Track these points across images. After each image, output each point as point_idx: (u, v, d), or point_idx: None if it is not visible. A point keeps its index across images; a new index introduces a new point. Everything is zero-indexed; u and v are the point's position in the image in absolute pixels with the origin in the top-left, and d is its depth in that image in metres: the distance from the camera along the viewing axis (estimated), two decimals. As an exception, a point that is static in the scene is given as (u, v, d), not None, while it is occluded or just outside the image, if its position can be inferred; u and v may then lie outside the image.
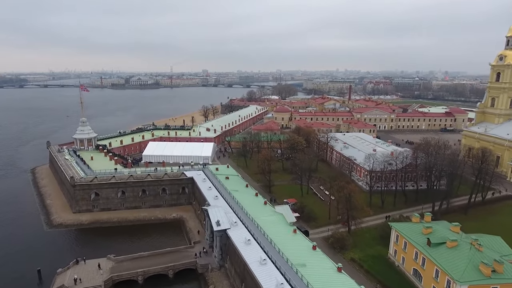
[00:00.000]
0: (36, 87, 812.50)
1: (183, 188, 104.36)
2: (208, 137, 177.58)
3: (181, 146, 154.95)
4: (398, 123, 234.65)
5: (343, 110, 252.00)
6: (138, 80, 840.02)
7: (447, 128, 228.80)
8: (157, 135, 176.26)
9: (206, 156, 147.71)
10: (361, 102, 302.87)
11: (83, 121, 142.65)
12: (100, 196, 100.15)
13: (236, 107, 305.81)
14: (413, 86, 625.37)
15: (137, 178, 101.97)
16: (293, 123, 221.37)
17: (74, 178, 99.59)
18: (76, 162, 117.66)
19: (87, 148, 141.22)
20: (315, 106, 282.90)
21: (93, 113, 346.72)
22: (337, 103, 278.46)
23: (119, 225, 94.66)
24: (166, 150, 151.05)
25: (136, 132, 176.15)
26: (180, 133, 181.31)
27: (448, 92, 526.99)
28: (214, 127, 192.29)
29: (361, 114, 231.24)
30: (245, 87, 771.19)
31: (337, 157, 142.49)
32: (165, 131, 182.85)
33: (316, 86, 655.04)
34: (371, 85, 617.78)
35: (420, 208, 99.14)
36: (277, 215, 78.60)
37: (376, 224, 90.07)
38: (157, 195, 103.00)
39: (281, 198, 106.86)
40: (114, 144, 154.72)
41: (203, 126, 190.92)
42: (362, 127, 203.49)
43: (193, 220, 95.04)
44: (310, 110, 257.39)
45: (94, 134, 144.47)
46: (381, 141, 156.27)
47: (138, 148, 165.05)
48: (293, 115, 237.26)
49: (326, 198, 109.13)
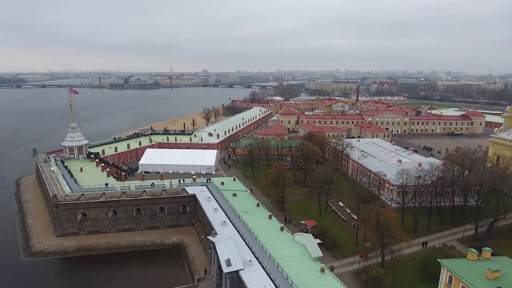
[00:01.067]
0: (33, 87, 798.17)
1: (184, 207, 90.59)
2: (211, 143, 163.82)
3: (182, 154, 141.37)
4: (412, 127, 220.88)
5: (353, 113, 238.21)
6: (137, 80, 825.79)
7: (455, 132, 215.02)
8: (155, 141, 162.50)
9: (209, 166, 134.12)
10: (370, 104, 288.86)
11: (73, 127, 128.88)
12: (88, 216, 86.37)
13: (238, 109, 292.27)
14: (418, 86, 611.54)
15: (131, 196, 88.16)
16: (301, 127, 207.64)
17: (57, 196, 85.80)
18: (62, 174, 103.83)
19: (77, 156, 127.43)
20: (322, 108, 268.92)
21: (91, 114, 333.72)
22: (345, 105, 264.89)
23: (109, 253, 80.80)
24: (165, 158, 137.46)
25: (132, 137, 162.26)
26: (180, 138, 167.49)
27: (455, 92, 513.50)
28: (217, 131, 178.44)
29: (373, 117, 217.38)
30: (246, 88, 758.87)
31: (354, 167, 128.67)
32: (164, 136, 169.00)
33: (318, 86, 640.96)
34: (375, 86, 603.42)
35: (461, 231, 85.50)
36: (298, 246, 64.80)
37: (412, 252, 76.29)
38: (154, 215, 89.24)
39: (297, 218, 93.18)
40: (107, 151, 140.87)
41: (205, 131, 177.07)
42: (375, 132, 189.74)
43: (196, 247, 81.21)
44: (318, 113, 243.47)
45: (85, 141, 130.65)
46: (400, 148, 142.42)
47: (134, 155, 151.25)
48: (300, 118, 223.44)
49: (348, 216, 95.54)
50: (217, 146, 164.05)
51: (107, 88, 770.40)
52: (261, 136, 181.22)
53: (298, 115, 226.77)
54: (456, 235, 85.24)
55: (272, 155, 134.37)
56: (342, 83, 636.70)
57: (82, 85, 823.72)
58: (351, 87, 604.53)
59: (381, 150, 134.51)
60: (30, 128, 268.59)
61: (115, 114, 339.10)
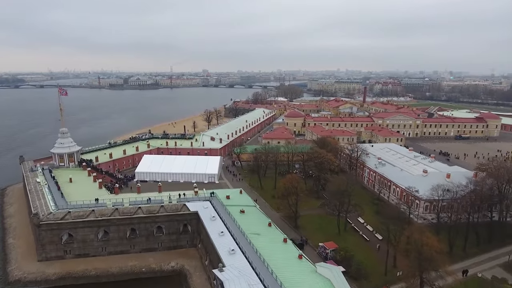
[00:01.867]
0: (32, 87, 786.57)
1: (184, 226, 79.55)
2: (213, 148, 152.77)
3: (182, 161, 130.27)
4: (424, 130, 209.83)
5: (362, 115, 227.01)
6: (137, 80, 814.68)
7: (462, 136, 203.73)
8: (153, 146, 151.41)
9: (211, 174, 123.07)
10: (378, 105, 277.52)
11: (63, 132, 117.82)
12: (75, 238, 75.34)
13: (241, 110, 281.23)
14: (423, 87, 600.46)
15: (124, 213, 77.07)
16: (308, 130, 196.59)
17: (39, 215, 74.78)
18: (48, 187, 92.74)
19: (67, 164, 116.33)
20: (329, 110, 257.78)
21: (88, 116, 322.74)
22: (354, 106, 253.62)
23: (99, 282, 69.75)
24: (163, 166, 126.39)
25: (129, 142, 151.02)
26: (180, 143, 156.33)
27: (461, 93, 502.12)
28: (220, 135, 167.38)
29: (383, 119, 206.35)
30: (247, 88, 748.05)
31: (371, 176, 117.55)
32: (163, 140, 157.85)
33: (321, 86, 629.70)
34: (379, 86, 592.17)
35: (504, 254, 74.51)
36: (322, 281, 53.85)
37: (452, 284, 65.19)
38: (151, 235, 78.18)
39: (313, 237, 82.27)
40: (101, 158, 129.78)
41: (206, 135, 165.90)
42: (388, 135, 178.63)
43: (198, 274, 70.08)
44: (325, 115, 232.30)
45: (77, 148, 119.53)
46: (419, 154, 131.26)
47: (131, 162, 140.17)
48: (306, 120, 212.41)
49: (370, 235, 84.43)
50: (220, 151, 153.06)
51: (106, 88, 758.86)
52: (266, 140, 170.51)
53: (304, 117, 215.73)
54: (498, 259, 74.13)
55: (280, 161, 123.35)
56: (345, 83, 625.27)
57: (81, 85, 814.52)
58: (354, 88, 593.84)
59: (400, 157, 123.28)
60: (25, 130, 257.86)
61: (112, 116, 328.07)
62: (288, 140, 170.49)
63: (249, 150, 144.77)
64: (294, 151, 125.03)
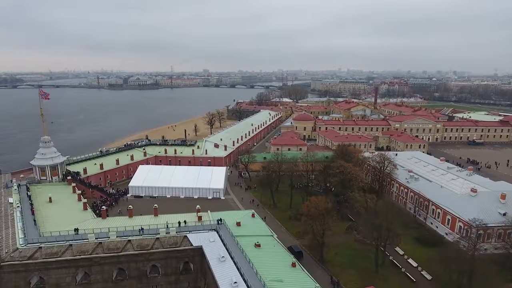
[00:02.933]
0: (29, 87, 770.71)
1: (185, 264, 63.58)
2: (217, 157, 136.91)
3: (182, 172, 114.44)
4: (444, 134, 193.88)
5: (377, 118, 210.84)
6: (136, 80, 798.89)
7: (476, 141, 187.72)
8: (150, 154, 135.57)
9: (216, 189, 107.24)
10: (391, 107, 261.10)
11: (45, 141, 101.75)
12: (47, 281, 59.46)
13: (245, 112, 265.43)
14: (430, 87, 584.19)
15: (109, 250, 61.16)
16: (320, 135, 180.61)
17: (1, 252, 58.92)
18: (21, 210, 76.73)
19: (49, 179, 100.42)
20: (340, 112, 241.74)
21: (83, 119, 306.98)
22: (367, 108, 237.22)
23: None
24: (161, 179, 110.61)
25: (123, 150, 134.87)
26: (180, 150, 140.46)
27: (471, 93, 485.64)
28: (224, 141, 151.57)
29: (401, 123, 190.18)
30: (248, 88, 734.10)
31: (401, 192, 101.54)
32: (161, 147, 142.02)
33: (325, 87, 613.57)
34: (385, 86, 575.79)
35: None
36: None
37: None
38: (143, 276, 62.23)
39: (345, 277, 66.39)
40: (91, 169, 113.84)
41: (209, 141, 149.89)
42: (409, 141, 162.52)
43: (203, 333, 54.11)
44: (336, 118, 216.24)
45: (61, 159, 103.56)
46: (454, 166, 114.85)
47: (125, 173, 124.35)
48: (317, 123, 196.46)
49: (415, 273, 68.29)
50: (225, 160, 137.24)
51: (105, 88, 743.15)
52: (275, 146, 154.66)
53: (314, 121, 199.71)
54: None
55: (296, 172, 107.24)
56: (350, 83, 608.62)
57: (79, 85, 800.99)
58: (359, 88, 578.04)
59: (432, 169, 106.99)
60: (15, 134, 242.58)
61: (109, 118, 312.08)
62: (299, 147, 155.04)
63: (259, 158, 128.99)
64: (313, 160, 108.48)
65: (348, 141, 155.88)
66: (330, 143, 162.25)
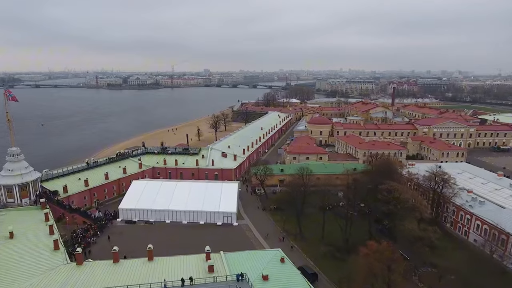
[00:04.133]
0: (27, 87, 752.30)
1: None
2: (226, 168, 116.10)
3: (185, 189, 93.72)
4: (477, 140, 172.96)
5: (401, 121, 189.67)
6: (136, 79, 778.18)
7: (501, 147, 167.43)
8: (147, 165, 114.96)
9: (227, 213, 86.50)
10: (413, 109, 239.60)
11: (12, 154, 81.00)
12: None
13: (251, 114, 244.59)
14: (441, 87, 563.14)
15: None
16: (339, 140, 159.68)
17: None
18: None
19: (18, 201, 79.84)
20: (356, 114, 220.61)
21: (76, 121, 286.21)
22: (387, 110, 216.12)
23: None
24: (159, 199, 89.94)
25: (114, 160, 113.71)
26: (182, 160, 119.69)
27: (485, 94, 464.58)
28: (232, 149, 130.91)
29: (429, 127, 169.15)
30: (251, 88, 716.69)
31: (460, 217, 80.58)
32: (160, 157, 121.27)
33: (331, 87, 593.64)
34: (394, 86, 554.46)
35: None
36: None
37: None
38: None
39: None
40: (73, 186, 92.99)
41: (216, 149, 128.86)
42: (444, 149, 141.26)
43: None
44: (355, 121, 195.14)
45: (34, 175, 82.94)
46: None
47: (115, 189, 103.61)
48: (335, 127, 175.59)
49: None
50: (234, 173, 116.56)
51: (104, 88, 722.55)
52: (292, 155, 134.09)
53: (332, 124, 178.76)
54: None
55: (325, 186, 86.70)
56: (357, 83, 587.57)
57: (78, 85, 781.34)
58: (367, 88, 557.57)
59: (496, 188, 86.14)
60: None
61: (105, 120, 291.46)
62: (319, 155, 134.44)
63: (275, 171, 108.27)
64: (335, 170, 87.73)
65: (375, 149, 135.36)
66: (354, 150, 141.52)
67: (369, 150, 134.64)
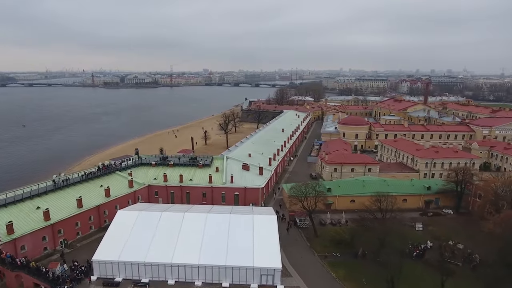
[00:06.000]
0: (20, 85, 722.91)
1: None
2: (251, 187, 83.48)
3: (198, 228, 60.71)
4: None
5: (451, 121, 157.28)
6: (134, 78, 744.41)
7: None
8: (140, 183, 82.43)
9: (268, 269, 53.73)
10: (454, 107, 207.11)
11: None
12: None
13: (265, 113, 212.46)
14: (456, 85, 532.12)
15: None
16: (384, 145, 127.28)
17: None
18: None
19: None
20: (390, 113, 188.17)
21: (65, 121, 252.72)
22: (430, 109, 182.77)
23: None
24: (156, 245, 57.21)
25: (95, 176, 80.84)
26: (190, 174, 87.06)
27: (507, 92, 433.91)
28: (254, 158, 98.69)
29: (491, 128, 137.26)
30: (253, 86, 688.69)
31: None
32: (158, 170, 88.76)
33: (339, 85, 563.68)
34: (406, 84, 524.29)
35: None
36: None
37: None
38: None
39: None
40: (22, 223, 60.30)
41: (233, 158, 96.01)
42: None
43: None
44: (394, 121, 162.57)
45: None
46: None
47: (95, 220, 70.96)
48: (374, 129, 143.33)
49: None
50: (262, 192, 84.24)
51: (100, 87, 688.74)
52: (332, 165, 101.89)
53: (370, 125, 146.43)
54: None
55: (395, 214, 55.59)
56: (367, 81, 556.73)
57: (73, 84, 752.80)
58: (378, 86, 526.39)
59: None
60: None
61: (101, 121, 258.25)
62: (368, 166, 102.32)
63: (323, 189, 75.69)
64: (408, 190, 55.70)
65: (439, 157, 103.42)
66: (409, 159, 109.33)
67: (433, 160, 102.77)
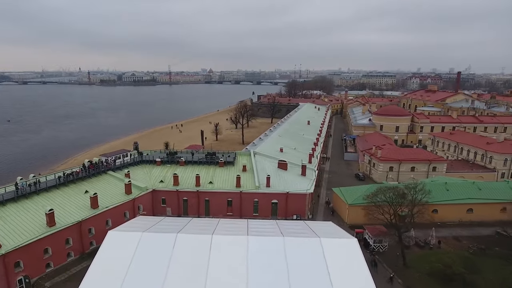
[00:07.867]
0: (14, 83, 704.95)
1: None
2: (296, 192, 60.78)
3: (235, 261, 36.82)
4: None
5: (504, 112, 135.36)
6: (132, 75, 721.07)
7: None
8: (142, 187, 59.45)
9: None
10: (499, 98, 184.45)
11: None
12: None
13: (278, 106, 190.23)
14: (468, 81, 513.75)
15: None
16: (441, 139, 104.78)
17: None
18: None
19: None
20: (424, 104, 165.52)
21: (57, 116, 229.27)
22: (474, 99, 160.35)
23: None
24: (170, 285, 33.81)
25: (77, 179, 57.76)
26: (208, 175, 64.32)
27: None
28: (289, 153, 76.31)
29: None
30: (255, 84, 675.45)
31: None
32: (165, 169, 66.06)
33: (345, 82, 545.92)
34: (416, 81, 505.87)
35: None
36: None
37: None
38: None
39: None
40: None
41: (263, 154, 73.33)
42: None
43: None
44: (435, 112, 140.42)
45: None
46: None
47: (77, 244, 47.73)
48: (419, 121, 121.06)
49: None
50: (308, 199, 61.66)
51: (97, 84, 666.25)
52: (387, 163, 79.42)
53: (412, 116, 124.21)
54: None
55: None
56: (375, 78, 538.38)
57: (69, 82, 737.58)
58: (386, 82, 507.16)
59: None
60: None
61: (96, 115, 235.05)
62: (432, 165, 79.86)
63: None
64: None
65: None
66: (481, 156, 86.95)
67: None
